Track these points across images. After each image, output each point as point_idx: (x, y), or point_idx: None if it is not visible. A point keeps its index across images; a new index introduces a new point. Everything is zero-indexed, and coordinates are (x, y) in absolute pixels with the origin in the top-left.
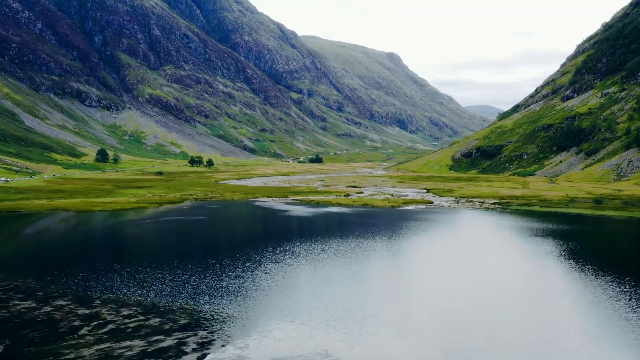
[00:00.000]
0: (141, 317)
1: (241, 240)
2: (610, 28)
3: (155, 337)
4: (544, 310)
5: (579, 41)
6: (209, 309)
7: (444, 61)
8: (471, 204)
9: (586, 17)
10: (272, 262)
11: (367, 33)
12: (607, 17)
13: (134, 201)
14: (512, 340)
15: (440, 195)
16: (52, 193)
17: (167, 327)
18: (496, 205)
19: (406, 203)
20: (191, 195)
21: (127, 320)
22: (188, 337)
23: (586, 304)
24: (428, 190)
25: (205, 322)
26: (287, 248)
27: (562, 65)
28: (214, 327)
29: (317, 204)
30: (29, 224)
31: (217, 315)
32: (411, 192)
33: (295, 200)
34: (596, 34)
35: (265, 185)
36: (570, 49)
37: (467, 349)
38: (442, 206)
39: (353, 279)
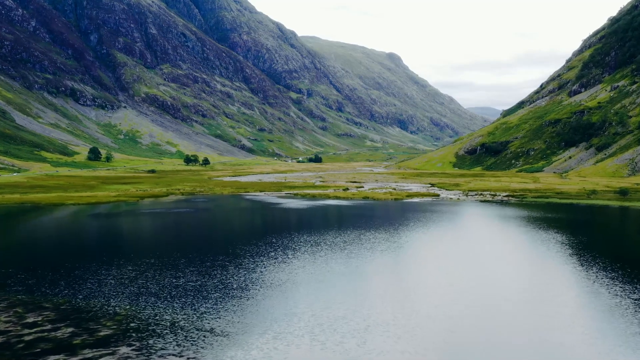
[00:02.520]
0: (48, 327)
1: (219, 232)
2: (617, 21)
3: (53, 357)
4: (579, 314)
5: (579, 43)
6: (149, 315)
7: (443, 62)
8: (482, 196)
9: (586, 19)
10: (250, 256)
11: (366, 34)
12: (608, 16)
13: (114, 195)
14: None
15: (446, 189)
16: (30, 188)
17: (77, 340)
18: (510, 198)
19: (410, 196)
20: (178, 189)
21: (25, 332)
22: (100, 357)
23: (616, 305)
24: (432, 185)
25: (136, 333)
26: (273, 240)
27: (568, 61)
28: (146, 341)
29: (313, 197)
30: None
31: (157, 323)
32: (415, 187)
33: (290, 194)
34: (603, 28)
35: (259, 181)
36: (570, 50)
37: None
38: (451, 199)
39: (352, 276)
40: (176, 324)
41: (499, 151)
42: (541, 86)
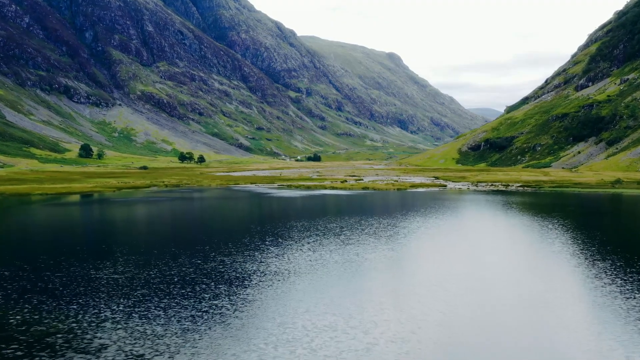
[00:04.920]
0: None
1: (189, 218)
2: (625, 14)
3: None
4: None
5: (580, 43)
6: (47, 319)
7: (443, 64)
8: (493, 186)
9: (587, 19)
10: (215, 244)
11: (366, 34)
12: (609, 15)
13: (90, 187)
14: None
15: (452, 181)
16: (6, 181)
17: None
18: (525, 188)
19: (415, 186)
20: (162, 182)
21: None
22: None
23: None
24: (437, 178)
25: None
26: (251, 226)
27: (574, 55)
28: None
29: (308, 188)
30: None
31: (54, 337)
32: (418, 179)
33: (283, 185)
34: (609, 22)
35: (252, 175)
36: (571, 51)
37: None
38: (459, 189)
39: (349, 267)
40: (69, 339)
41: (503, 147)
42: (546, 81)
